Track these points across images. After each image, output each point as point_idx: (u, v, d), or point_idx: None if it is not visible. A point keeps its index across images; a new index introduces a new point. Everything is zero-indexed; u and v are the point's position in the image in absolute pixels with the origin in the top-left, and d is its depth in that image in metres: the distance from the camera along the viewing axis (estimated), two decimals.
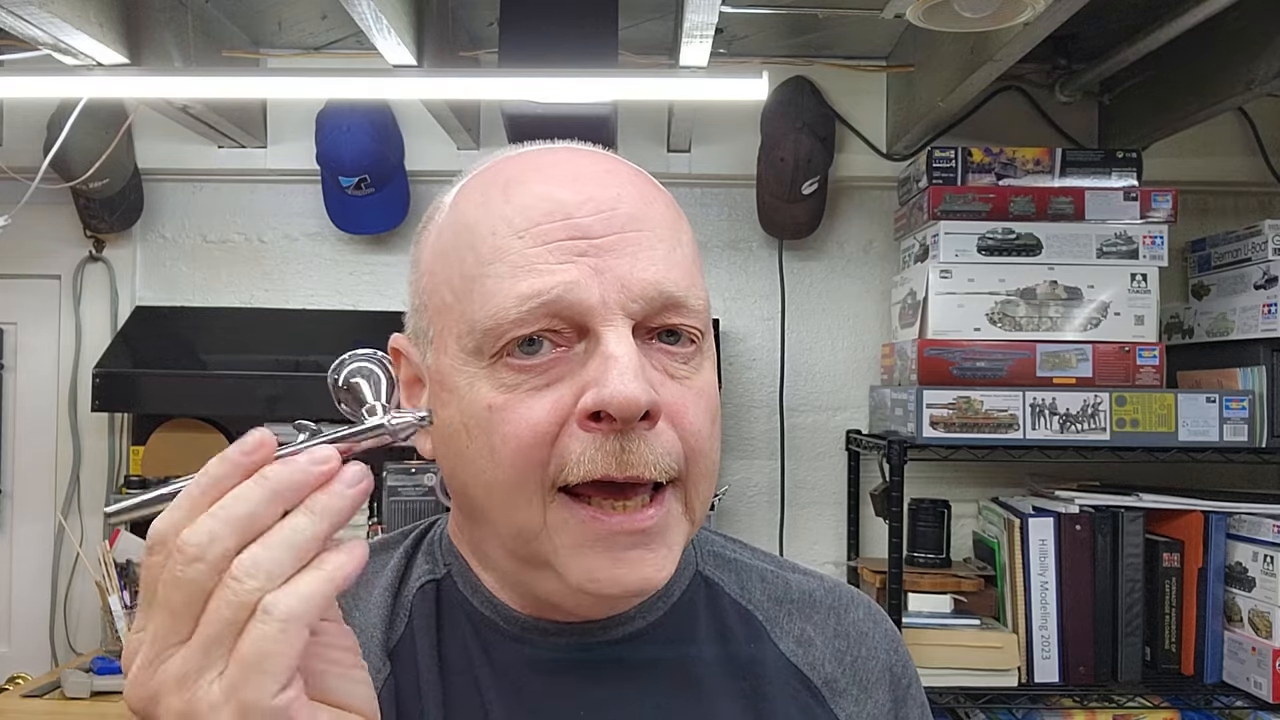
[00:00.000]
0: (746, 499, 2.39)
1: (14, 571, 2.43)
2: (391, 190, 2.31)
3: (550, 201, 0.60)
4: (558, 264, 0.59)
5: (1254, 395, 1.95)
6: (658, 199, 0.64)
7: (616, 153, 0.69)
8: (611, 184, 0.62)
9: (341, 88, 2.02)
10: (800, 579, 0.76)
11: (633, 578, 0.59)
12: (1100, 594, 1.95)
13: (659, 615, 0.69)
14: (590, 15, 1.81)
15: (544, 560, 0.60)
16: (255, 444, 0.48)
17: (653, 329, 0.61)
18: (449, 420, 0.62)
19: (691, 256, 0.64)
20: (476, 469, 0.61)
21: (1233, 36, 1.86)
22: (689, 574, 0.72)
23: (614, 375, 0.56)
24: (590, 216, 0.60)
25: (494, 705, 0.63)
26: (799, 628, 0.72)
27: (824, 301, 2.42)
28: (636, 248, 0.60)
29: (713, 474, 0.63)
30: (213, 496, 0.47)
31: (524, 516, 0.60)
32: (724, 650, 0.69)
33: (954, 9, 1.49)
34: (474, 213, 0.63)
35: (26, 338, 2.46)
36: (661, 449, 0.59)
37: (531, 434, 0.58)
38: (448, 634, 0.67)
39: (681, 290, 0.61)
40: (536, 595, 0.64)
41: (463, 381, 0.61)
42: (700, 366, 0.63)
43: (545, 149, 0.67)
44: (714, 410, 0.63)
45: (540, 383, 0.59)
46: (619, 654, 0.67)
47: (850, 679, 0.71)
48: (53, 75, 1.81)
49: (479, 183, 0.65)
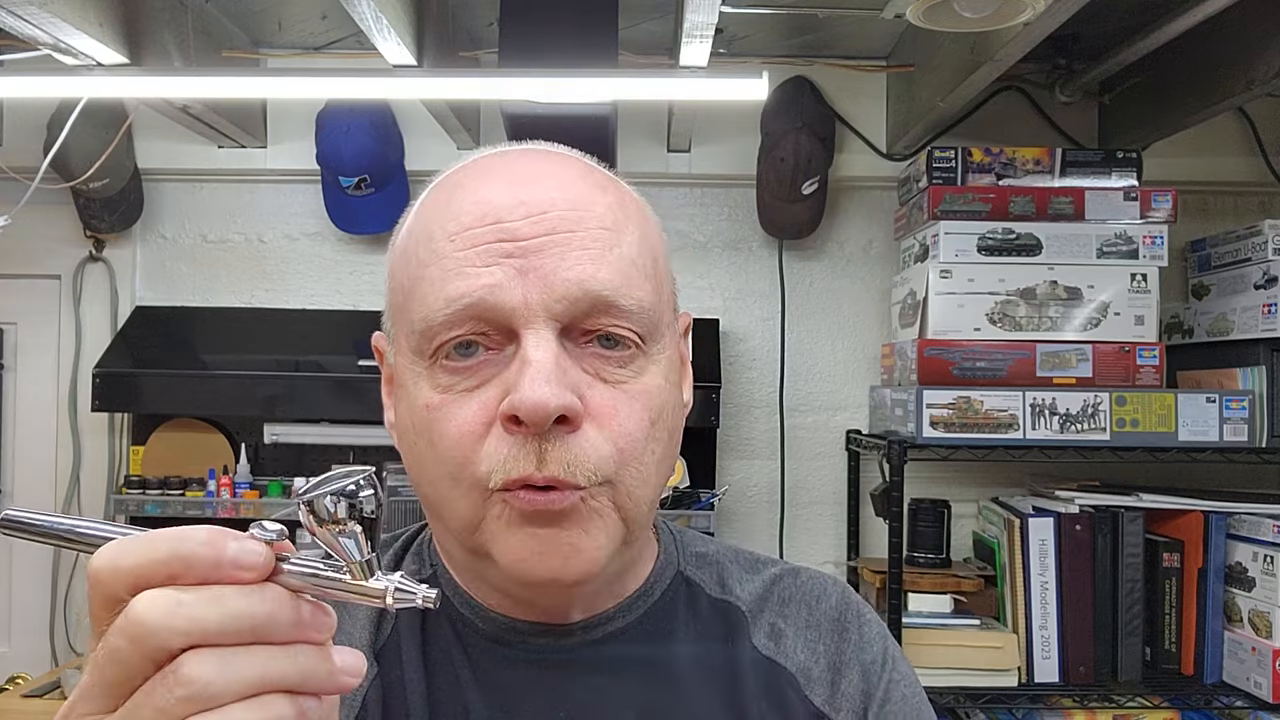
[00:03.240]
0: (746, 499, 2.39)
1: (14, 571, 2.43)
2: (391, 190, 2.31)
3: (483, 205, 0.61)
4: (483, 266, 0.59)
5: (1254, 395, 1.95)
6: (600, 201, 0.63)
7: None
8: (549, 187, 0.62)
9: (341, 88, 2.02)
10: (775, 572, 0.76)
11: (552, 557, 0.59)
12: (1100, 594, 1.95)
13: (639, 615, 0.69)
14: (590, 15, 1.81)
15: (485, 551, 0.61)
16: (254, 561, 0.42)
17: (587, 331, 0.61)
18: (401, 418, 0.65)
19: (632, 258, 0.63)
20: (422, 466, 0.63)
21: (1233, 36, 1.86)
22: (669, 574, 0.73)
23: (526, 380, 0.57)
24: (520, 220, 0.60)
25: (475, 706, 0.65)
26: (770, 622, 0.73)
27: (824, 301, 2.42)
28: (565, 248, 0.60)
29: (646, 477, 0.62)
30: (177, 571, 0.42)
31: (463, 510, 0.61)
32: (703, 649, 0.70)
33: (954, 9, 1.49)
34: (424, 216, 0.65)
35: (26, 338, 2.46)
36: (582, 452, 0.59)
37: (459, 434, 0.59)
38: (431, 635, 0.68)
39: (610, 290, 0.60)
40: (497, 589, 0.66)
41: (409, 381, 0.63)
42: (642, 370, 0.62)
43: (501, 153, 0.68)
44: (655, 412, 0.62)
45: (471, 384, 0.60)
46: (599, 653, 0.67)
47: (823, 666, 0.72)
48: (53, 75, 1.81)
49: (436, 187, 0.67)
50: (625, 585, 0.70)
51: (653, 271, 0.65)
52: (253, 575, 0.42)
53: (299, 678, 0.42)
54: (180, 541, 0.42)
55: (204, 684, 0.40)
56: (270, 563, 0.43)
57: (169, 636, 0.41)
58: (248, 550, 0.42)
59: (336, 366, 2.25)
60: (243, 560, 0.42)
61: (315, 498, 0.44)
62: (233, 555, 0.42)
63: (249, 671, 0.41)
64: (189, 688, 0.40)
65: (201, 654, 0.41)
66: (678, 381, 0.67)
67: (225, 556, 0.42)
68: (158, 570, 0.42)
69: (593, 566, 0.61)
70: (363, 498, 0.44)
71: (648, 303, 0.62)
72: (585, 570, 0.60)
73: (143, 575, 0.42)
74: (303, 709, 0.42)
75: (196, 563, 0.42)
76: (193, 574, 0.42)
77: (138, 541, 0.43)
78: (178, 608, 0.41)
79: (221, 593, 0.42)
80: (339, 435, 2.28)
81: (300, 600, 0.43)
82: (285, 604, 0.43)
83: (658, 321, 0.64)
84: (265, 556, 0.43)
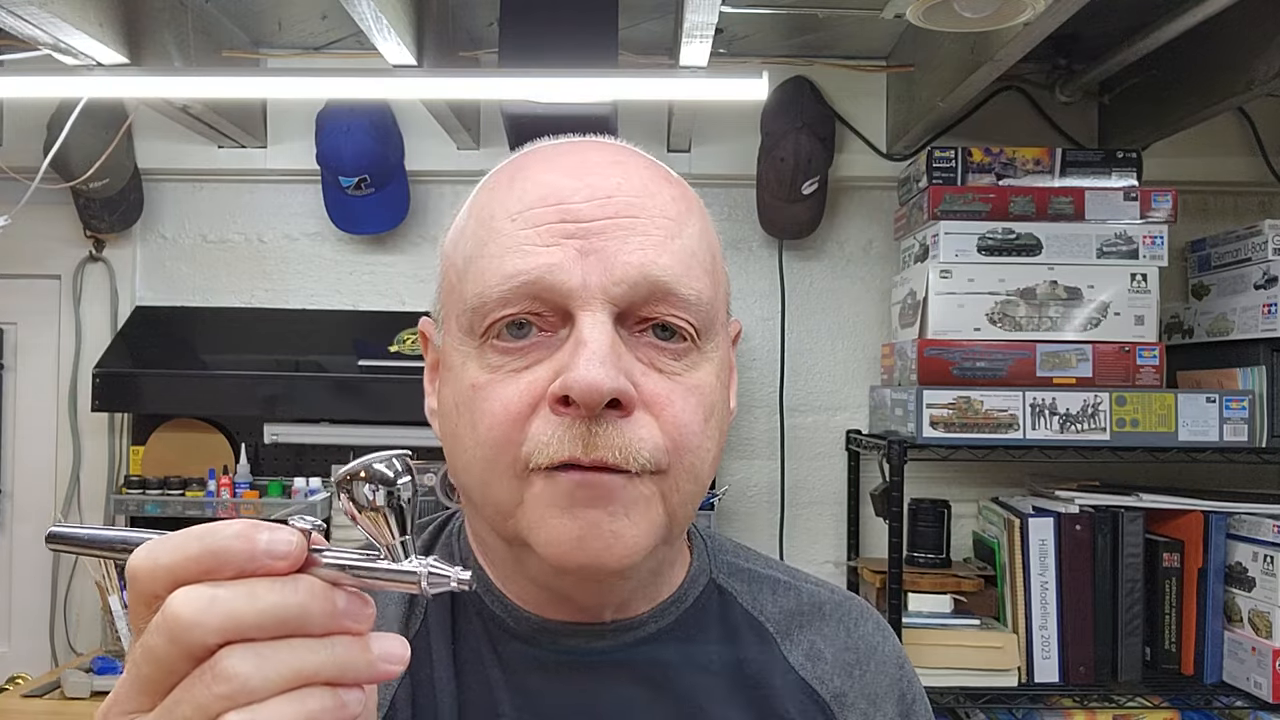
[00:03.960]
0: (746, 499, 2.39)
1: (14, 571, 2.43)
2: (391, 190, 2.31)
3: (547, 188, 0.61)
4: (544, 246, 0.59)
5: (1254, 395, 1.95)
6: (664, 191, 0.63)
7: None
8: (614, 174, 0.62)
9: (341, 88, 2.02)
10: (812, 589, 0.76)
11: (593, 542, 0.57)
12: (1100, 594, 1.95)
13: (671, 620, 0.68)
14: (590, 15, 1.81)
15: (522, 539, 0.60)
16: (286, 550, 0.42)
17: (644, 319, 0.60)
18: (446, 399, 0.64)
19: (693, 250, 0.62)
20: (462, 447, 0.61)
21: (1233, 36, 1.86)
22: (703, 581, 0.72)
23: (581, 360, 0.56)
24: (584, 203, 0.60)
25: (505, 707, 0.64)
26: (809, 640, 0.72)
27: (824, 301, 2.42)
28: (628, 233, 0.59)
29: (698, 473, 0.61)
30: (211, 566, 0.42)
31: (500, 494, 0.60)
32: (734, 659, 0.69)
33: (954, 9, 1.49)
34: (483, 200, 0.65)
35: (26, 338, 2.46)
36: (635, 437, 0.57)
37: (505, 413, 0.58)
38: (462, 633, 0.67)
39: (671, 277, 0.59)
40: (534, 581, 0.64)
41: (457, 361, 0.62)
42: (696, 365, 0.61)
43: (565, 142, 0.67)
44: (708, 408, 0.61)
45: (521, 365, 0.59)
46: (630, 657, 0.66)
47: (859, 693, 0.71)
48: (53, 75, 1.81)
49: (497, 173, 0.67)
50: (659, 589, 0.69)
51: (711, 267, 0.64)
52: (285, 564, 0.42)
53: (337, 669, 0.42)
54: (213, 536, 0.42)
55: (243, 679, 0.40)
56: (303, 552, 0.43)
57: (204, 633, 0.40)
58: (280, 540, 0.42)
59: (336, 366, 2.25)
60: (275, 550, 0.42)
61: (353, 481, 0.44)
62: (265, 546, 0.42)
63: (287, 665, 0.41)
64: (228, 684, 0.40)
65: (239, 649, 0.41)
66: (727, 384, 0.66)
67: (258, 548, 0.42)
68: (192, 566, 0.42)
69: (634, 555, 0.59)
70: (399, 483, 0.45)
71: (705, 295, 0.61)
72: (625, 558, 0.58)
73: (178, 572, 0.42)
74: (343, 700, 0.42)
75: (231, 556, 0.42)
76: (228, 568, 0.42)
77: (173, 539, 0.43)
78: (212, 604, 0.41)
79: (255, 586, 0.41)
80: (339, 435, 2.28)
81: (336, 591, 0.43)
82: (319, 594, 0.42)
83: (713, 318, 0.63)
84: (297, 546, 0.43)
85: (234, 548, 0.42)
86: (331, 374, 2.23)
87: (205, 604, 0.41)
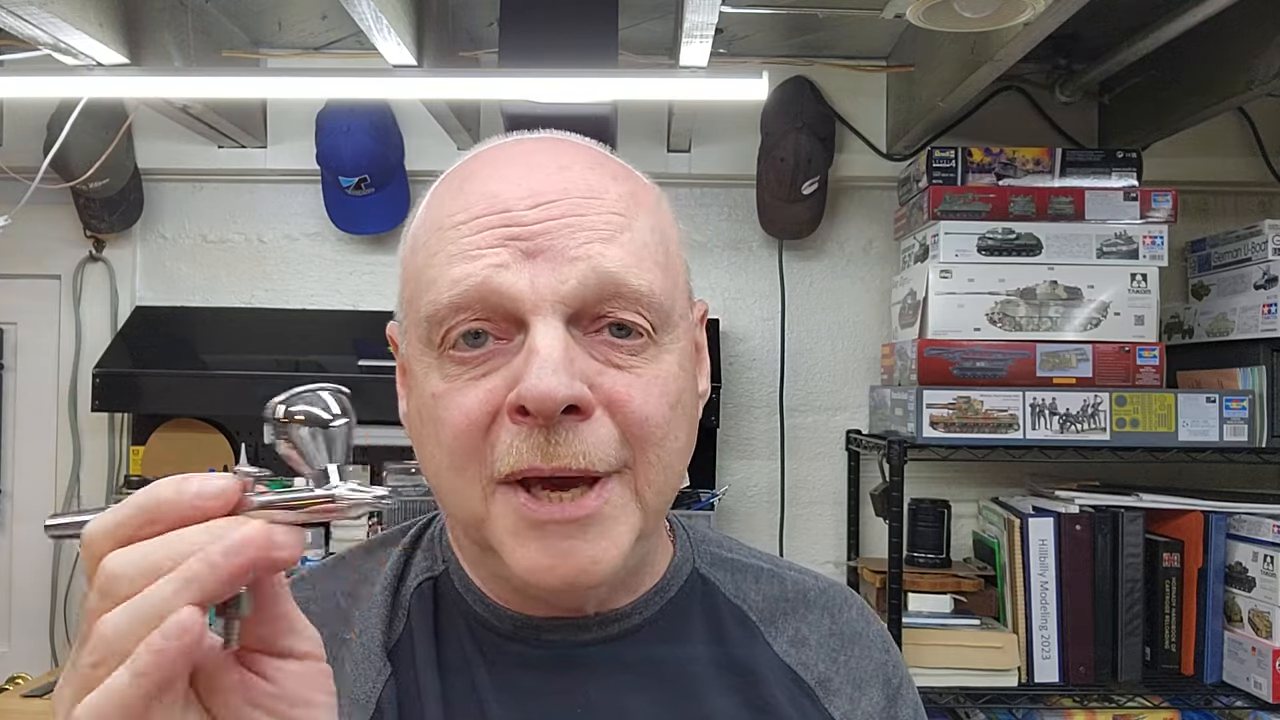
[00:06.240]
0: (746, 499, 2.39)
1: (14, 571, 2.43)
2: (391, 190, 2.31)
3: (492, 196, 0.61)
4: (489, 249, 0.59)
5: (1254, 395, 1.95)
6: (611, 190, 0.62)
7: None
8: (561, 178, 0.61)
9: (341, 88, 2.02)
10: (796, 577, 0.76)
11: (566, 569, 0.58)
12: (1100, 594, 1.95)
13: (654, 612, 0.69)
14: (590, 15, 1.81)
15: (492, 547, 0.61)
16: (215, 490, 0.44)
17: (598, 319, 0.60)
18: (412, 408, 0.65)
19: (644, 242, 0.62)
20: (429, 455, 0.62)
21: (1233, 36, 1.86)
22: (686, 571, 0.72)
23: (533, 370, 0.56)
24: (529, 209, 0.60)
25: (491, 705, 0.64)
26: (793, 627, 0.72)
27: (824, 301, 2.42)
28: (574, 230, 0.59)
29: (668, 463, 0.61)
30: (149, 520, 0.43)
31: (469, 503, 0.60)
32: (719, 648, 0.69)
33: (954, 9, 1.49)
34: (434, 206, 0.65)
35: (26, 338, 2.46)
36: (594, 440, 0.58)
37: (466, 422, 0.59)
38: (446, 633, 0.67)
39: (619, 267, 0.59)
40: (510, 583, 0.65)
41: (419, 370, 0.63)
42: (656, 358, 0.61)
43: (514, 142, 0.67)
44: (673, 396, 0.61)
45: (478, 373, 0.59)
46: (614, 651, 0.67)
47: (844, 678, 0.71)
48: (53, 75, 1.81)
49: (448, 177, 0.67)
50: (642, 580, 0.69)
51: (665, 259, 0.63)
52: (218, 504, 0.44)
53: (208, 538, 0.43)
54: (148, 493, 0.44)
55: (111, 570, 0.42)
56: (235, 493, 0.44)
57: (132, 579, 0.42)
58: (209, 483, 0.44)
59: (336, 366, 2.25)
60: (206, 491, 0.44)
61: (277, 408, 0.47)
62: (195, 490, 0.44)
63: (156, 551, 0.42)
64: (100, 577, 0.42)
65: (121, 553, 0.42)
66: (693, 370, 0.66)
67: (188, 495, 0.44)
68: (129, 524, 0.43)
69: (613, 570, 0.60)
70: (325, 409, 0.47)
71: (659, 286, 0.61)
72: (600, 572, 0.59)
73: (120, 533, 0.43)
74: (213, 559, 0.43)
75: (165, 508, 0.43)
76: (166, 519, 0.43)
77: (116, 506, 0.44)
78: (143, 557, 0.42)
79: (183, 533, 0.43)
80: None
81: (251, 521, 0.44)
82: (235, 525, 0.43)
83: (670, 310, 0.62)
84: (228, 487, 0.44)
85: (167, 498, 0.43)
86: (331, 374, 2.23)
87: (136, 557, 0.42)
